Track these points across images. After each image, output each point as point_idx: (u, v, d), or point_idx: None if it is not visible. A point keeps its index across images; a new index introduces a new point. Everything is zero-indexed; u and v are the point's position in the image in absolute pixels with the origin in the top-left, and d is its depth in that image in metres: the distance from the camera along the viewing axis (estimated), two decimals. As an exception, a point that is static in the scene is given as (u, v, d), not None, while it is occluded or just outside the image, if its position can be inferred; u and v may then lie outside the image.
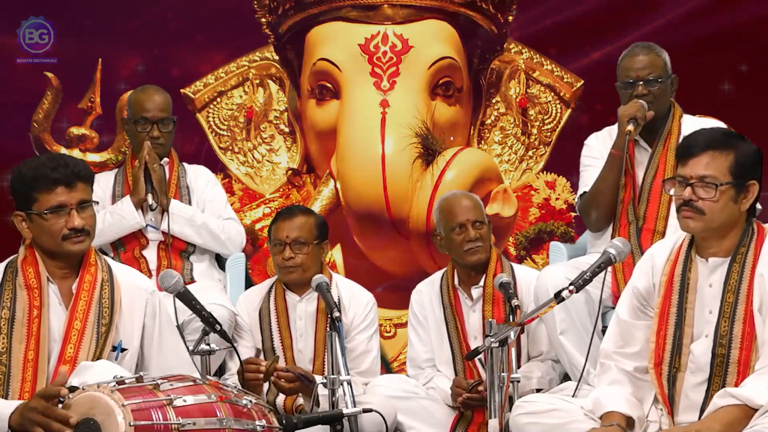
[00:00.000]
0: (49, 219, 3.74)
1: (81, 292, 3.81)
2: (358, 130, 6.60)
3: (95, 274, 3.85)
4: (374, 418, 4.31)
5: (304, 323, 4.90)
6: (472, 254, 4.88)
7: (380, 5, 6.64)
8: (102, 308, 3.82)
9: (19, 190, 3.80)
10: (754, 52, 6.54)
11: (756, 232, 3.73)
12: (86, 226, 3.78)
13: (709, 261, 3.74)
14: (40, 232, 3.78)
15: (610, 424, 3.71)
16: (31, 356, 3.72)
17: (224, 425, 3.46)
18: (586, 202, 5.06)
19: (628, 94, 5.01)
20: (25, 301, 3.77)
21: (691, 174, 3.69)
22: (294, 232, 4.86)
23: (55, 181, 3.74)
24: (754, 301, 3.64)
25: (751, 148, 3.74)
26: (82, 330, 3.77)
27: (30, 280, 3.79)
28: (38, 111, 6.59)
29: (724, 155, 3.68)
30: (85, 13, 6.65)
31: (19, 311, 3.76)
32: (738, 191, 3.69)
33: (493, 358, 4.03)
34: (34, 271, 3.81)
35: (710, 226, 3.70)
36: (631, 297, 3.88)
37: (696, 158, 3.70)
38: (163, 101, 5.33)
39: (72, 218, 3.74)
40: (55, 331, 3.78)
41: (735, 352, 3.64)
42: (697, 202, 3.67)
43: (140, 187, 5.20)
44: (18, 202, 3.81)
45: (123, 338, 3.86)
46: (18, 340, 3.74)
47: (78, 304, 3.79)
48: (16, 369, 3.72)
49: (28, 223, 3.80)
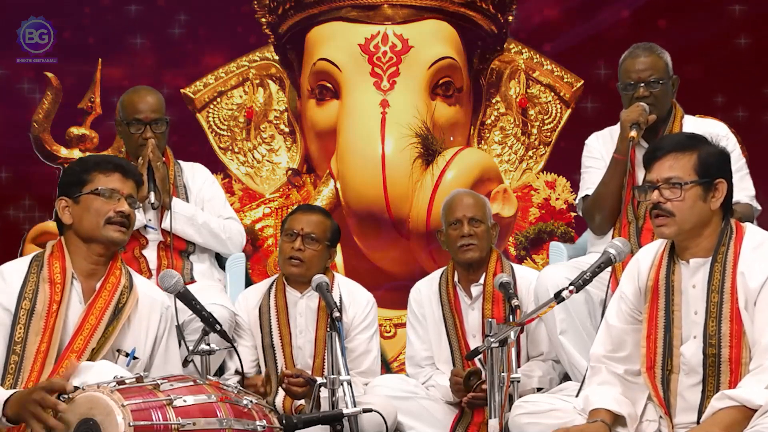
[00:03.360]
0: (99, 199, 3.89)
1: (103, 291, 3.89)
2: (358, 130, 6.60)
3: (119, 278, 3.95)
4: (374, 418, 4.32)
5: (304, 320, 4.91)
6: (465, 251, 4.88)
7: (380, 5, 6.65)
8: (116, 312, 3.89)
9: (75, 172, 3.96)
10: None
11: (734, 230, 3.76)
12: (131, 216, 3.93)
13: (690, 262, 3.78)
14: (84, 214, 3.90)
15: (594, 420, 3.74)
16: (44, 348, 3.79)
17: (224, 425, 3.46)
18: (589, 206, 5.06)
19: (629, 95, 5.01)
20: (47, 294, 3.85)
21: (657, 177, 3.77)
22: (310, 227, 4.89)
23: (116, 167, 3.96)
24: (739, 299, 3.68)
25: (715, 148, 3.81)
26: (95, 326, 3.84)
27: (55, 274, 3.88)
28: (38, 111, 6.59)
29: (687, 156, 3.75)
30: (85, 13, 6.66)
31: (40, 304, 3.83)
32: (705, 190, 3.74)
33: (493, 358, 4.03)
34: (60, 266, 3.90)
35: (683, 228, 3.74)
36: (619, 302, 3.93)
37: (660, 162, 3.78)
38: (156, 102, 5.30)
39: (121, 203, 3.90)
40: (71, 326, 3.84)
41: (725, 351, 3.67)
42: (666, 204, 3.74)
43: (143, 185, 5.20)
44: (65, 188, 3.95)
45: (137, 346, 3.93)
46: (35, 332, 3.80)
47: (97, 301, 3.87)
48: (28, 360, 3.78)
49: (72, 207, 3.91)
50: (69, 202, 3.92)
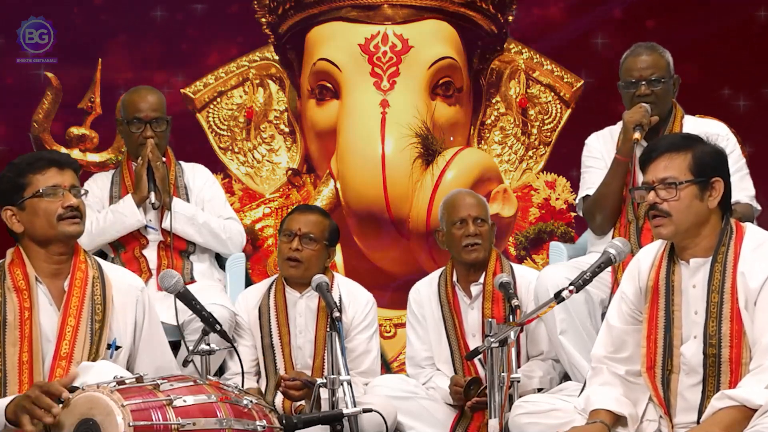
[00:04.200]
0: (44, 200, 3.78)
1: (73, 289, 3.83)
2: (358, 130, 6.60)
3: (86, 271, 3.87)
4: (374, 418, 4.32)
5: (304, 320, 4.91)
6: (470, 252, 4.88)
7: (380, 5, 6.65)
8: (95, 305, 3.84)
9: (10, 179, 3.83)
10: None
11: (734, 230, 3.76)
12: (81, 207, 3.83)
13: (690, 262, 3.78)
14: (33, 218, 3.80)
15: (594, 421, 3.74)
16: (26, 358, 3.73)
17: (224, 425, 3.46)
18: (590, 206, 5.06)
19: (631, 93, 5.01)
20: (15, 303, 3.78)
21: (652, 178, 3.77)
22: (307, 227, 4.89)
23: (49, 161, 3.83)
24: (739, 299, 3.68)
25: (710, 147, 3.81)
26: (76, 327, 3.78)
27: (18, 282, 3.80)
28: (38, 111, 6.59)
29: (682, 156, 3.75)
30: (85, 13, 6.65)
31: (10, 314, 3.77)
32: (701, 189, 3.74)
33: (493, 358, 4.03)
34: (21, 273, 3.82)
35: (680, 228, 3.74)
36: (620, 303, 3.93)
37: (655, 163, 3.78)
38: (156, 101, 5.31)
39: (67, 197, 3.80)
40: (48, 331, 3.78)
41: (726, 351, 3.67)
42: (662, 204, 3.74)
43: (143, 185, 5.19)
44: (6, 196, 3.84)
45: (117, 335, 3.87)
46: (11, 343, 3.74)
47: (71, 301, 3.81)
48: (11, 372, 3.73)
49: (19, 214, 3.82)
50: (14, 210, 3.82)
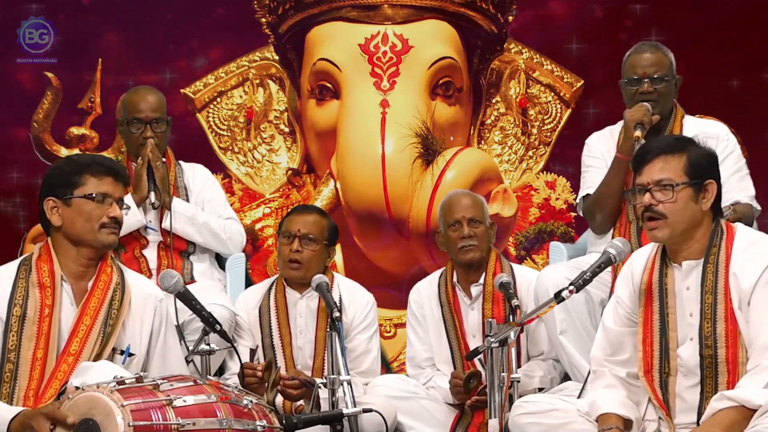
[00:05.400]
0: (92, 203, 3.82)
1: (95, 290, 3.86)
2: (358, 130, 6.60)
3: (111, 275, 3.90)
4: (374, 418, 4.32)
5: (304, 320, 4.91)
6: (465, 252, 4.88)
7: (380, 5, 6.65)
8: (111, 310, 3.86)
9: (65, 172, 3.85)
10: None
11: (725, 231, 3.77)
12: (121, 221, 3.89)
13: (682, 265, 3.79)
14: (76, 217, 3.83)
15: (609, 427, 3.74)
16: (40, 354, 3.75)
17: (224, 425, 3.46)
18: (590, 205, 5.06)
19: (633, 90, 5.01)
20: (37, 299, 3.80)
21: (647, 180, 3.77)
22: (306, 227, 4.89)
23: (108, 170, 3.87)
24: (732, 299, 3.69)
25: (703, 149, 3.83)
26: (90, 327, 3.81)
27: (44, 278, 3.83)
28: (38, 111, 6.59)
29: (677, 158, 3.76)
30: (85, 13, 6.66)
31: (31, 310, 3.79)
32: (696, 191, 3.75)
33: (493, 358, 4.04)
34: (48, 269, 3.84)
35: (676, 230, 3.75)
36: (616, 306, 3.94)
37: (650, 164, 3.79)
38: (156, 101, 5.31)
39: (114, 208, 3.85)
40: (65, 329, 3.81)
41: (722, 352, 3.68)
42: (657, 206, 3.75)
43: (143, 185, 5.19)
44: (53, 188, 3.85)
45: (132, 343, 3.90)
46: (28, 338, 3.76)
47: (90, 301, 3.83)
48: (24, 367, 3.74)
49: (62, 209, 3.84)
50: (58, 203, 3.84)
